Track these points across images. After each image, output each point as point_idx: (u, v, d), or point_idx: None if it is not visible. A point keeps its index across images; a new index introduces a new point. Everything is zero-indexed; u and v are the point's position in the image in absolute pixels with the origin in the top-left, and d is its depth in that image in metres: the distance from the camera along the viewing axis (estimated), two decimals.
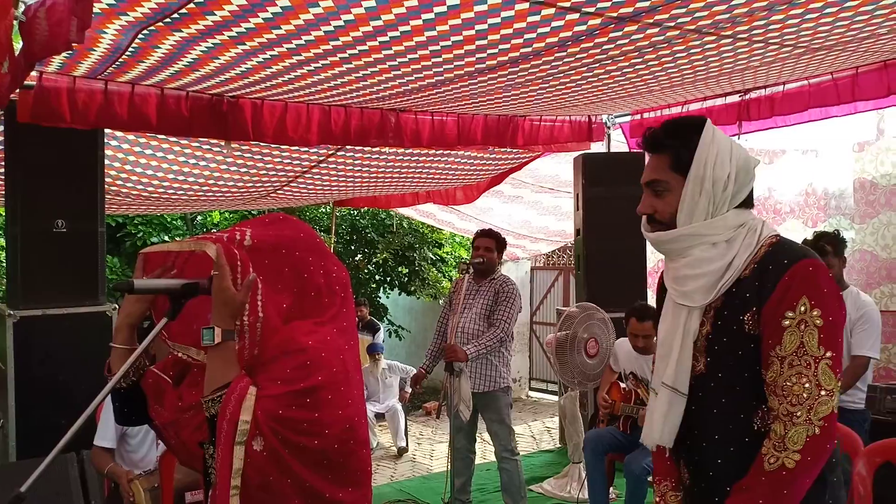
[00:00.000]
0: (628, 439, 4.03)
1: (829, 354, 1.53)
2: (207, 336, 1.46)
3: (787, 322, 1.53)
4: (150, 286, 1.53)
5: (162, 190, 5.18)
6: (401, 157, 5.24)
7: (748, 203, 1.68)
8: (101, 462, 3.10)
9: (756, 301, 1.58)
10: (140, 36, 2.72)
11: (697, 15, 2.74)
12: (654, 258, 6.36)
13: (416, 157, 5.30)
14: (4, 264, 4.86)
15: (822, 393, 1.51)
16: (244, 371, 1.46)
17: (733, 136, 4.81)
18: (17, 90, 3.16)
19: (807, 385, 1.52)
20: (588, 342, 4.47)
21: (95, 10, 2.41)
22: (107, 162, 3.95)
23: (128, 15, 2.51)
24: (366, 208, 9.14)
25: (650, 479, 3.93)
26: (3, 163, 3.68)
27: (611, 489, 4.34)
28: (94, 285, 3.71)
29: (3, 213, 3.73)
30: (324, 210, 9.37)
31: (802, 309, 1.52)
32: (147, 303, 1.64)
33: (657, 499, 1.84)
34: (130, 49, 2.88)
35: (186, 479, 2.64)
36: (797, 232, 5.67)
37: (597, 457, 4.09)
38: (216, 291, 1.46)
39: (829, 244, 3.70)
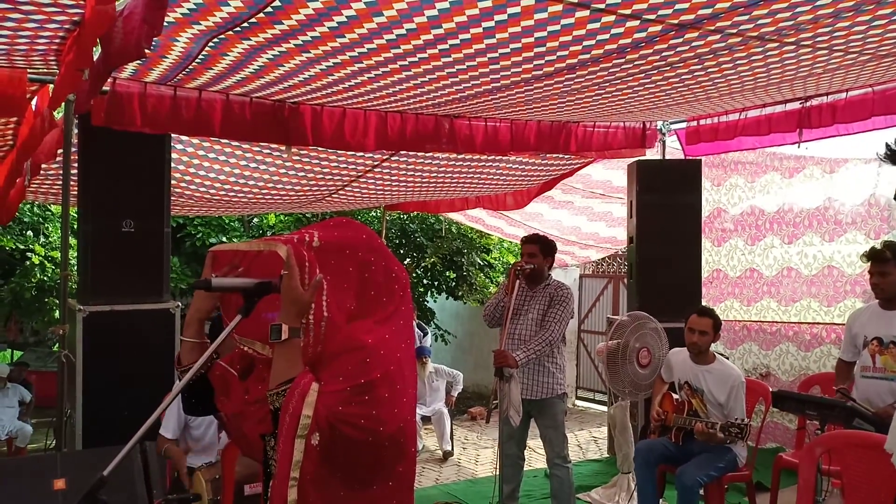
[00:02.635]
0: (680, 450, 3.98)
1: None
2: (275, 333, 1.52)
3: None
4: (226, 284, 1.60)
5: (223, 192, 5.34)
6: (453, 163, 5.29)
7: None
8: (165, 448, 3.21)
9: None
10: (210, 44, 2.83)
11: (761, 22, 2.71)
12: (708, 267, 6.26)
13: (469, 163, 5.33)
14: (73, 262, 5.07)
15: None
16: (308, 367, 1.51)
17: (793, 143, 4.71)
18: None
19: None
20: (640, 352, 4.43)
21: (170, 18, 2.52)
22: (172, 165, 4.10)
23: (200, 24, 2.61)
24: (415, 213, 9.23)
25: (702, 491, 3.89)
26: (76, 164, 3.84)
27: (661, 501, 4.29)
28: (159, 283, 3.85)
29: (77, 213, 3.90)
30: (374, 214, 9.49)
31: None
32: (216, 299, 1.71)
33: None
34: (200, 56, 2.99)
35: (246, 471, 2.72)
36: (858, 245, 5.51)
37: (648, 467, 4.05)
38: (285, 290, 1.52)
39: (890, 250, 3.64)
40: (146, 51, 2.23)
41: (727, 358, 4.58)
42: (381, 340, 1.54)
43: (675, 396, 4.14)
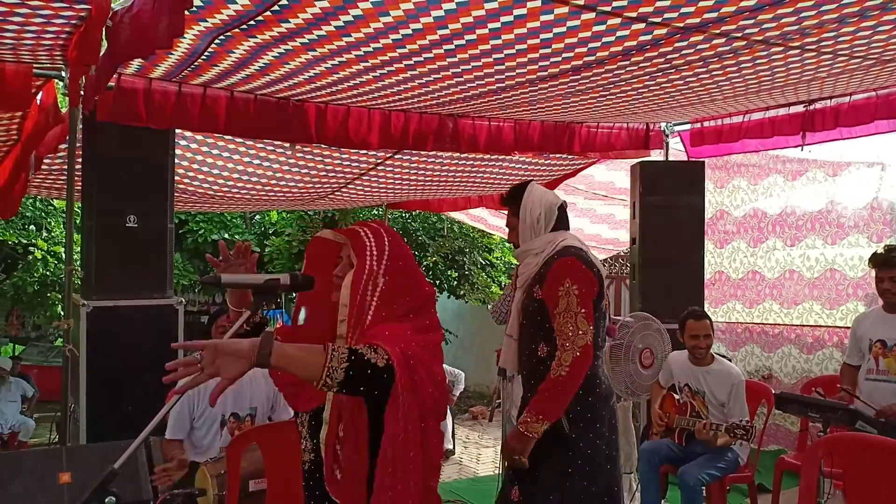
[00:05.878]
0: (683, 451, 3.99)
1: (583, 311, 2.55)
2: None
3: (560, 292, 2.58)
4: (235, 281, 1.63)
5: (227, 189, 5.34)
6: (456, 162, 5.29)
7: (561, 227, 2.80)
8: (170, 450, 3.23)
9: (539, 280, 2.68)
10: (216, 41, 2.83)
11: (766, 26, 2.72)
12: (710, 269, 6.27)
13: (472, 162, 5.34)
14: (76, 257, 5.08)
15: (580, 332, 2.53)
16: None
17: (796, 146, 4.70)
18: None
19: (571, 327, 2.54)
20: (643, 352, 4.43)
21: None
22: (176, 161, 4.10)
23: (207, 21, 2.62)
24: (417, 211, 9.23)
25: (705, 491, 3.90)
26: (80, 159, 3.85)
27: (663, 501, 4.30)
28: (163, 278, 3.85)
29: (80, 208, 3.91)
30: (376, 212, 9.50)
31: (567, 284, 2.57)
32: (237, 297, 1.78)
33: None
34: (206, 53, 3.00)
35: (252, 467, 2.73)
36: (861, 248, 5.51)
37: (652, 468, 4.06)
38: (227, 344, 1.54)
39: None
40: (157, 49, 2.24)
41: (729, 359, 4.58)
42: (402, 334, 1.69)
43: (678, 397, 4.15)
